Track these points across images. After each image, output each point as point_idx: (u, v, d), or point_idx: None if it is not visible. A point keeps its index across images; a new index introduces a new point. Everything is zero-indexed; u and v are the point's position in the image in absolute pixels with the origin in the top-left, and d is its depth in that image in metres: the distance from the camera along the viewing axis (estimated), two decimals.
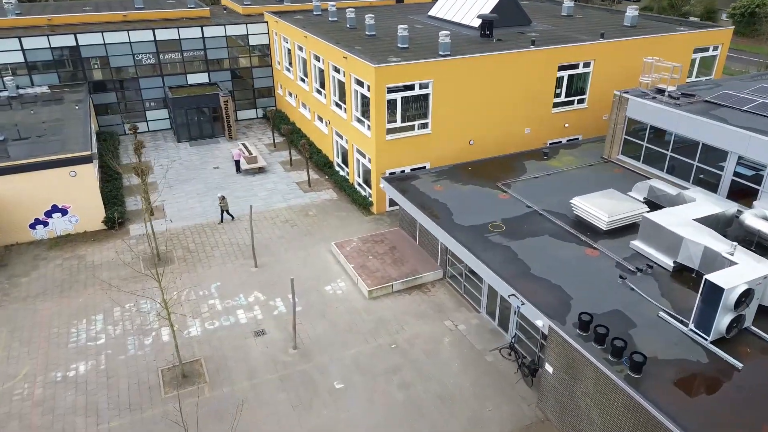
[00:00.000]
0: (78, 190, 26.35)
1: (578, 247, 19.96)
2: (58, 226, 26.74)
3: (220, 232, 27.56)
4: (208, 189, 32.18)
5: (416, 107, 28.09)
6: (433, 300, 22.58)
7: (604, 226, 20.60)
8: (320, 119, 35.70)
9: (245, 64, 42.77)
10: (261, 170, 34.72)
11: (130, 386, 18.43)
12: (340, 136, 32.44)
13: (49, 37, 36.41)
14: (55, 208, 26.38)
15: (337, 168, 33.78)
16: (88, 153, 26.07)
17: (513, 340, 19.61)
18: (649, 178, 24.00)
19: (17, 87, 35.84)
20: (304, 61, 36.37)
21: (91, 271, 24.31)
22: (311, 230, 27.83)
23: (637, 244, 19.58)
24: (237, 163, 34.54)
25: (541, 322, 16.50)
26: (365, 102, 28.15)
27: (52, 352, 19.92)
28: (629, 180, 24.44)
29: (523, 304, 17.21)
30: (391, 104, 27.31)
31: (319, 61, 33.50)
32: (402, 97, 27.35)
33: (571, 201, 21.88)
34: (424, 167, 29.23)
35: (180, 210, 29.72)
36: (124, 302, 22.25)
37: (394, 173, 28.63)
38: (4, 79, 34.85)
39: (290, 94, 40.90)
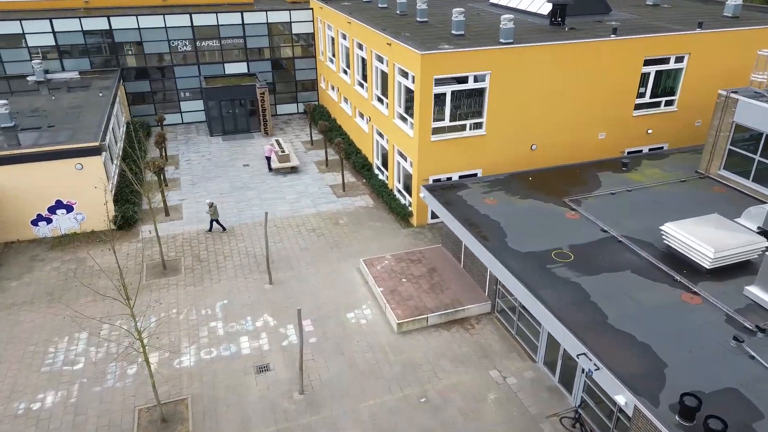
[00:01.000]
0: (85, 185, 23.66)
1: (672, 291, 15.22)
2: (63, 223, 24.18)
3: (237, 239, 24.26)
4: (233, 189, 29.05)
5: (469, 104, 23.83)
6: (476, 340, 18.31)
7: (707, 264, 15.74)
8: (361, 116, 31.96)
9: (287, 54, 39.63)
10: (293, 170, 31.32)
11: (99, 429, 15.19)
12: (381, 135, 28.57)
13: (82, 19, 34.40)
14: (59, 204, 23.81)
15: (376, 171, 29.93)
16: (96, 144, 23.31)
17: (579, 407, 15.11)
18: (765, 202, 18.80)
19: (46, 72, 34.00)
20: (347, 51, 32.73)
21: (89, 277, 21.47)
22: (340, 242, 24.08)
23: (755, 291, 14.67)
24: (268, 160, 31.30)
25: (623, 399, 12.00)
26: (409, 96, 24.14)
27: (22, 375, 17.01)
28: (736, 203, 19.31)
29: (597, 368, 12.75)
30: (440, 99, 23.18)
31: (362, 49, 29.76)
32: (452, 92, 23.16)
33: (661, 227, 17.09)
34: (475, 175, 24.93)
35: (198, 211, 26.67)
36: (116, 318, 19.17)
37: (438, 180, 24.49)
38: (32, 62, 33.00)
39: (332, 88, 37.40)
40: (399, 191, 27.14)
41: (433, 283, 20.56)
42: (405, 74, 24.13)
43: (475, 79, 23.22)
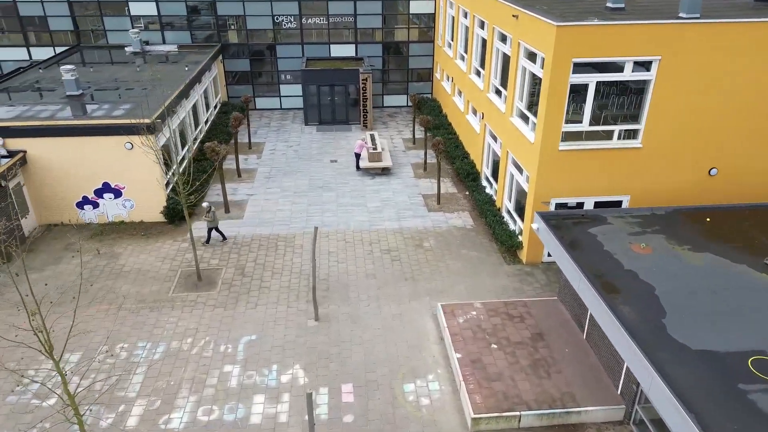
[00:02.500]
0: (135, 168, 20.33)
1: None
2: (110, 209, 21.13)
3: (294, 251, 19.51)
4: (310, 188, 24.48)
5: (621, 102, 16.79)
6: None
7: None
8: (474, 112, 25.80)
9: (402, 38, 34.44)
10: (384, 171, 26.06)
11: None
12: (494, 138, 22.25)
13: None
14: (106, 187, 20.76)
15: (484, 183, 23.65)
16: (148, 121, 19.79)
17: None
18: None
19: (146, 43, 32.11)
20: (466, 31, 26.69)
21: (113, 280, 17.94)
22: (418, 273, 18.33)
23: None
24: (357, 157, 26.38)
25: None
26: (536, 88, 17.67)
27: None
28: None
29: None
30: (578, 93, 16.46)
31: (483, 28, 23.59)
32: (598, 83, 16.31)
33: None
34: (620, 204, 17.81)
35: (263, 210, 22.41)
36: (96, 345, 15.24)
37: (563, 207, 17.76)
38: (130, 32, 31.18)
39: (447, 78, 31.55)
40: (509, 212, 20.69)
41: (538, 358, 14.07)
42: (533, 57, 17.67)
43: (636, 67, 16.14)
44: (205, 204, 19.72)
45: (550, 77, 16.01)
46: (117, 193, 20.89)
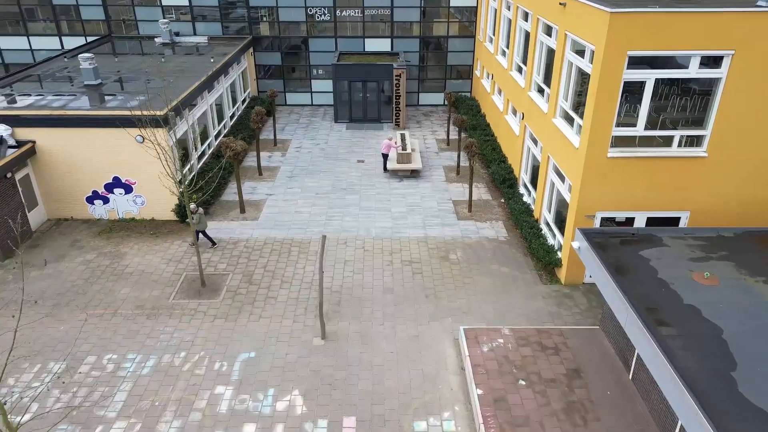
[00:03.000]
0: (147, 163, 19.19)
1: None
2: (121, 205, 20.11)
3: (308, 259, 17.96)
4: (333, 189, 22.92)
5: (682, 103, 14.48)
6: None
7: None
8: (514, 112, 23.69)
9: (441, 32, 32.50)
10: (414, 174, 24.25)
11: None
12: (534, 141, 20.13)
13: None
14: (117, 182, 19.74)
15: (521, 190, 21.53)
16: (160, 114, 18.62)
17: None
18: None
19: (176, 34, 31.31)
20: (509, 24, 24.58)
21: (114, 282, 16.80)
22: (441, 289, 16.46)
23: None
24: (384, 158, 24.67)
25: None
26: (583, 86, 15.54)
27: None
28: None
29: None
30: (632, 92, 14.26)
31: (526, 20, 21.46)
32: (657, 80, 14.05)
33: None
34: (677, 221, 15.47)
35: (280, 212, 20.98)
36: (83, 354, 14.04)
37: (610, 222, 15.56)
38: (159, 22, 30.40)
39: (487, 76, 29.45)
40: (547, 224, 18.56)
41: (573, 400, 12.01)
42: (581, 50, 15.53)
43: (702, 63, 13.80)
44: (192, 205, 18.36)
45: (601, 72, 13.87)
46: (128, 189, 19.85)
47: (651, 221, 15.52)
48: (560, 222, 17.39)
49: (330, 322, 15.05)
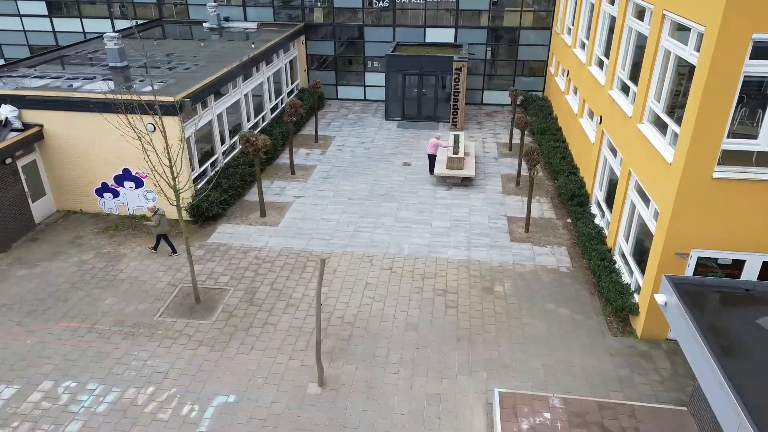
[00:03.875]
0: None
1: None
2: (131, 201, 18.19)
3: (327, 276, 15.17)
4: (370, 195, 20.04)
5: None
6: None
7: None
8: (590, 115, 19.82)
9: (512, 23, 28.80)
10: (465, 181, 20.90)
11: None
12: (613, 152, 16.30)
13: None
14: (127, 174, 17.81)
15: (593, 210, 17.72)
16: (171, 99, 16.45)
17: None
18: None
19: (226, 19, 29.55)
20: (591, 9, 20.70)
21: (101, 289, 14.74)
22: (478, 331, 13.14)
23: None
24: (431, 160, 21.54)
25: None
26: (683, 84, 11.74)
27: None
28: None
29: None
30: (752, 92, 10.37)
31: (613, 3, 17.60)
32: None
33: None
34: None
35: (305, 218, 18.35)
36: (40, 378, 11.89)
37: (711, 264, 11.67)
38: (207, 6, 28.70)
39: (562, 73, 25.52)
40: (623, 257, 14.76)
41: None
42: (683, 35, 11.73)
43: None
44: (151, 204, 15.95)
45: (711, 63, 10.08)
46: (138, 183, 17.88)
47: None
48: (641, 256, 13.59)
49: (333, 363, 12.16)
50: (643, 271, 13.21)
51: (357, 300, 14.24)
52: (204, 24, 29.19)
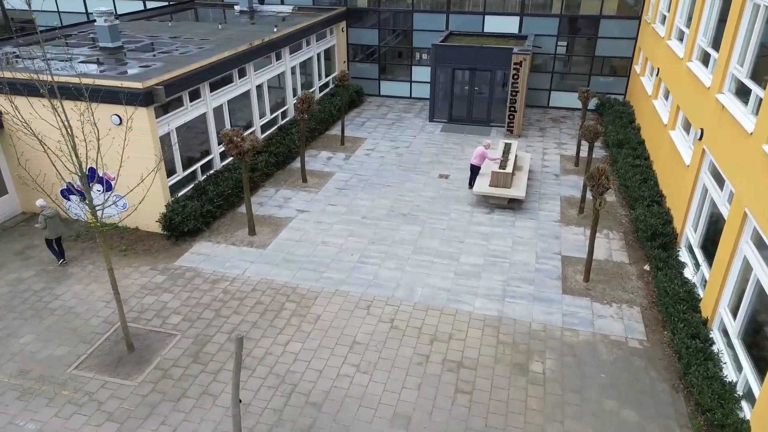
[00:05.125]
0: (129, 153, 14.01)
1: None
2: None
3: (303, 325, 11.43)
4: (389, 214, 16.15)
5: None
6: None
7: None
8: (686, 127, 14.91)
9: (591, 10, 23.89)
10: (513, 203, 16.53)
11: None
12: (719, 180, 11.51)
13: None
14: (92, 173, 14.85)
15: (684, 257, 12.93)
16: (138, 86, 13.26)
17: None
18: None
19: (260, 2, 26.56)
20: None
21: (21, 322, 11.78)
22: None
23: None
24: (473, 172, 17.38)
25: None
26: None
27: None
28: None
29: None
30: None
31: None
32: None
33: None
34: None
35: (301, 240, 14.72)
36: None
37: None
38: None
39: (651, 72, 20.47)
40: (726, 336, 10.03)
41: None
42: None
43: None
44: (40, 201, 12.78)
45: None
46: (107, 186, 14.89)
47: None
48: (757, 340, 8.89)
49: None
50: (760, 369, 8.54)
51: (335, 367, 10.41)
52: (235, 7, 26.29)
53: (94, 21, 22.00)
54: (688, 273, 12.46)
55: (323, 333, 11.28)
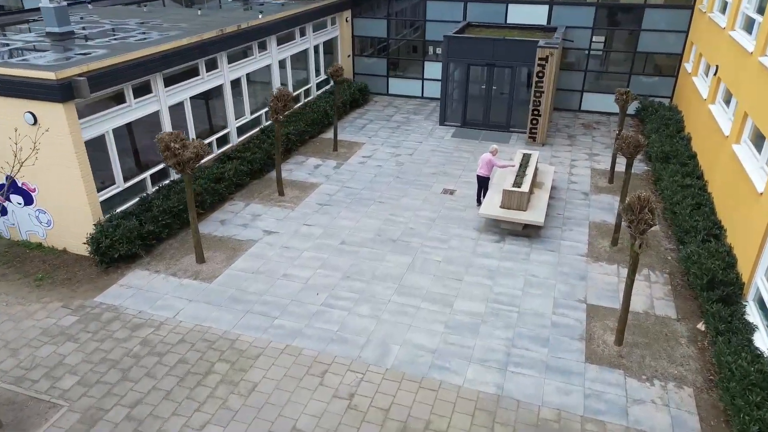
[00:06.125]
0: (49, 159, 11.43)
1: None
2: (23, 222, 12.69)
3: (236, 395, 8.54)
4: (375, 239, 13.16)
5: None
6: None
7: None
8: (758, 142, 11.44)
9: None
10: (528, 229, 13.31)
11: None
12: None
13: None
14: (13, 186, 12.30)
15: (754, 315, 9.52)
16: (51, 77, 10.57)
17: None
18: None
19: None
20: None
21: None
22: None
23: None
24: (482, 184, 14.30)
25: None
26: None
27: None
28: None
29: None
30: None
31: None
32: None
33: None
34: None
35: (260, 271, 11.87)
36: None
37: None
38: None
39: (706, 71, 16.94)
40: None
41: None
42: None
43: None
44: None
45: None
46: (27, 198, 12.32)
47: None
48: None
49: None
50: None
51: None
52: None
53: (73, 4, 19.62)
54: (760, 340, 9.13)
55: (254, 413, 8.36)
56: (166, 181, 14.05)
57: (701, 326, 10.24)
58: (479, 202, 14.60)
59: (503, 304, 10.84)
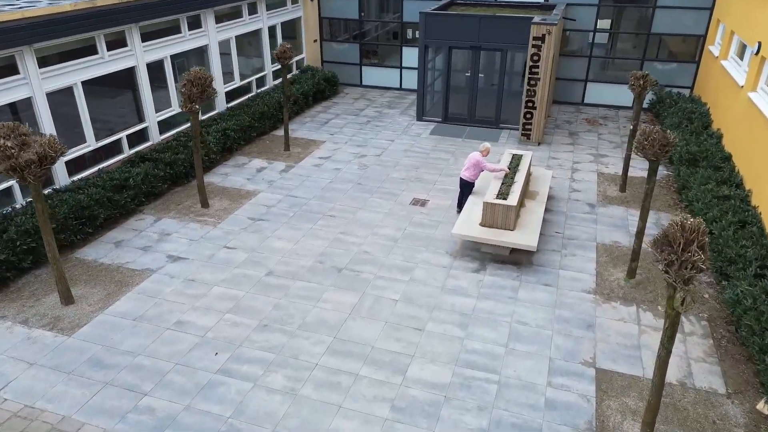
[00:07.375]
0: None
1: None
2: None
3: None
4: (315, 267, 9.90)
5: None
6: None
7: None
8: None
9: None
10: (516, 254, 10.02)
11: None
12: None
13: None
14: None
15: None
16: None
17: None
18: None
19: None
20: None
21: None
22: None
23: None
24: (465, 188, 11.11)
25: None
26: None
27: None
28: None
29: None
30: None
31: None
32: None
33: None
34: None
35: (144, 317, 8.59)
36: None
37: None
38: None
39: (740, 52, 13.66)
40: None
41: None
42: None
43: None
44: None
45: None
46: None
47: None
48: None
49: None
50: None
51: None
52: None
53: None
54: None
55: None
56: (48, 190, 10.80)
57: (762, 406, 7.00)
58: (459, 209, 11.42)
59: (477, 369, 7.59)
